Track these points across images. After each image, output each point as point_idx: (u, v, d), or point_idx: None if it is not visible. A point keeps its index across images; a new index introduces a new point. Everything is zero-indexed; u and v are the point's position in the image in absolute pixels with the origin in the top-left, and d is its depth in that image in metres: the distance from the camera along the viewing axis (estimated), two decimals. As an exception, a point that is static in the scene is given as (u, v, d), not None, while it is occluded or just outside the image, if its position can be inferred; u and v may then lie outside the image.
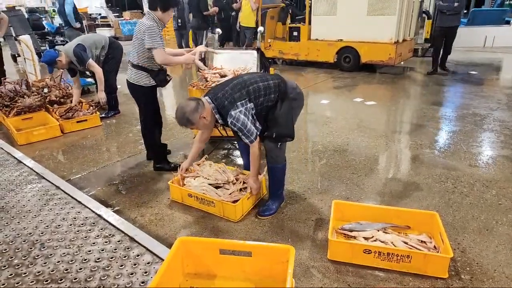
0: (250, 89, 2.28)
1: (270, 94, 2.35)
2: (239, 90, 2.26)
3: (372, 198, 2.78)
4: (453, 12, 6.27)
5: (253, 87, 2.29)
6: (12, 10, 9.57)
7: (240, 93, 2.25)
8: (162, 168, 3.29)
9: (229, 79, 2.57)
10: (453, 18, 6.39)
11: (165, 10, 2.80)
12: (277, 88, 2.37)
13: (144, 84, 2.96)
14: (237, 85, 2.29)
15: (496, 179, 2.99)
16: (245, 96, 2.25)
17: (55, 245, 2.14)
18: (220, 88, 2.33)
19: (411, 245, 2.07)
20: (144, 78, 2.94)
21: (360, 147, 3.73)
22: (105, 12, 17.50)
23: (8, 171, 3.16)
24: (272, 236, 2.34)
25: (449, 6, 6.25)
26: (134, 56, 2.90)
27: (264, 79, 2.36)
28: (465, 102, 5.19)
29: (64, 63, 4.29)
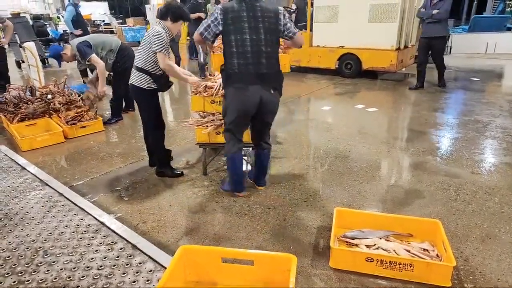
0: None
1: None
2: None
3: (374, 205, 2.78)
4: (432, 20, 5.76)
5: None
6: (17, 17, 9.68)
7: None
8: (165, 173, 3.30)
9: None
10: (435, 28, 5.80)
11: (175, 21, 2.93)
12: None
13: (147, 87, 3.01)
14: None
15: (499, 186, 2.98)
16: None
17: (58, 253, 2.15)
18: None
19: (413, 253, 2.07)
20: (146, 81, 2.99)
21: (361, 153, 3.73)
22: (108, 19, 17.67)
23: (12, 178, 3.18)
24: (273, 244, 2.34)
25: (427, 13, 5.81)
26: (140, 59, 2.98)
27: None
28: (467, 109, 5.19)
29: (69, 56, 4.42)
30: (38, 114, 4.60)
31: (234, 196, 2.94)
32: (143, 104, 3.13)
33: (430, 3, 5.81)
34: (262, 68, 2.50)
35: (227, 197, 2.93)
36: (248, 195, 2.93)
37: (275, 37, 2.53)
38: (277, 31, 2.52)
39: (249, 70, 2.49)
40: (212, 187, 3.11)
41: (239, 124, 2.70)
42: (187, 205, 2.83)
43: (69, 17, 6.77)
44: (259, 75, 2.50)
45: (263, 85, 2.53)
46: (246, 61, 2.48)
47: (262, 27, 2.45)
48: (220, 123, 3.17)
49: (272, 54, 2.54)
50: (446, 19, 5.82)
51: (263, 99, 2.55)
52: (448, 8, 5.66)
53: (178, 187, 3.12)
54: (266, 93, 2.55)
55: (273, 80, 2.58)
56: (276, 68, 2.59)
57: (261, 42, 2.46)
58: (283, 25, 2.53)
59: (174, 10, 2.92)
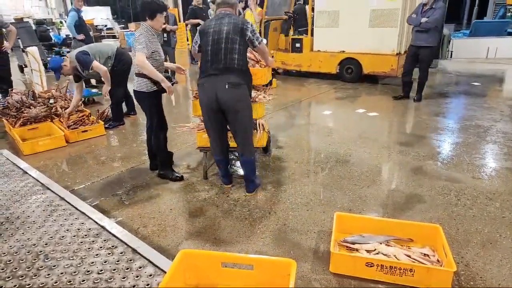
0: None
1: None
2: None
3: (375, 210, 2.78)
4: (420, 28, 5.28)
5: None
6: (20, 21, 9.76)
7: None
8: (166, 176, 3.33)
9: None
10: (423, 37, 5.34)
11: (153, 17, 2.97)
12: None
13: (147, 90, 3.05)
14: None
15: (500, 191, 2.98)
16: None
17: (59, 257, 2.15)
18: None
19: (414, 258, 2.07)
20: (145, 85, 3.04)
21: (362, 158, 3.73)
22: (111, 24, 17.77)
23: (14, 182, 3.19)
24: (274, 249, 2.34)
25: (415, 21, 5.33)
26: (135, 65, 3.01)
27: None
28: (468, 114, 5.19)
29: (68, 68, 4.37)
30: (40, 118, 4.62)
31: (235, 201, 2.94)
32: (145, 107, 3.18)
33: (421, 10, 5.35)
34: (219, 63, 2.61)
35: (228, 202, 2.93)
36: (249, 200, 2.94)
37: (237, 36, 2.62)
38: (240, 31, 2.64)
39: (208, 66, 2.65)
40: (212, 191, 3.11)
41: (208, 122, 2.83)
42: (187, 209, 2.84)
43: (71, 22, 6.81)
44: (216, 70, 2.62)
45: (218, 79, 2.61)
46: (207, 58, 2.66)
47: (226, 29, 2.63)
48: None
49: (232, 50, 2.61)
50: (436, 29, 5.32)
51: (218, 95, 2.62)
52: (438, 17, 5.14)
53: (178, 191, 3.13)
54: (221, 88, 2.60)
55: (231, 76, 2.61)
56: (237, 65, 2.63)
57: (221, 40, 2.61)
58: (250, 30, 2.67)
59: (147, 7, 2.95)
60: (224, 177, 3.16)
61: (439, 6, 5.14)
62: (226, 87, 2.60)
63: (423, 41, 5.34)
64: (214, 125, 2.82)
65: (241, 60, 2.65)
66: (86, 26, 7.32)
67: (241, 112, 2.70)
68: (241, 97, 2.67)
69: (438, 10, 5.14)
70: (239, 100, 2.66)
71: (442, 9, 5.17)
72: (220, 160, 3.03)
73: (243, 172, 3.04)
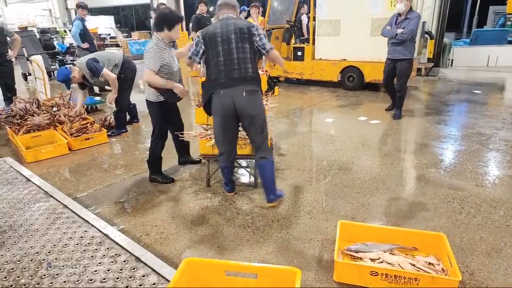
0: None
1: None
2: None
3: (378, 218, 2.77)
4: (396, 40, 5.02)
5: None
6: (24, 30, 9.87)
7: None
8: (156, 180, 3.46)
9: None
10: (399, 49, 5.07)
11: (171, 29, 3.01)
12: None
13: (153, 100, 3.17)
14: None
15: (504, 199, 2.97)
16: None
17: (62, 265, 2.14)
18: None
19: (418, 267, 2.05)
20: (153, 95, 3.16)
21: (365, 165, 3.73)
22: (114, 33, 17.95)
23: (17, 189, 3.20)
24: (277, 257, 2.33)
25: (391, 32, 5.07)
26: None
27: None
28: (470, 121, 5.20)
29: (78, 78, 4.45)
30: (43, 126, 4.65)
31: (237, 209, 2.94)
32: (152, 115, 3.30)
33: (396, 21, 5.09)
34: (234, 73, 2.63)
35: (230, 209, 2.93)
36: (252, 208, 2.94)
37: (247, 44, 2.65)
38: (249, 39, 2.66)
39: (221, 76, 2.64)
40: (215, 198, 3.11)
41: (221, 129, 2.78)
42: (190, 217, 2.83)
43: (76, 31, 6.89)
44: (231, 80, 2.63)
45: (234, 89, 2.63)
46: (219, 68, 2.65)
47: (234, 37, 2.62)
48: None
49: (245, 59, 2.65)
50: (412, 40, 5.06)
51: (236, 102, 2.63)
52: (413, 28, 4.88)
53: (181, 199, 3.13)
54: (238, 95, 2.63)
55: (247, 83, 2.65)
56: (250, 73, 2.67)
57: (232, 50, 2.62)
58: (257, 35, 2.67)
59: (166, 18, 3.00)
60: (228, 184, 3.16)
61: (414, 16, 4.93)
62: (244, 95, 2.63)
63: (399, 53, 5.09)
64: (227, 131, 2.80)
65: (253, 68, 2.70)
66: (90, 35, 7.39)
67: (257, 116, 2.72)
68: (256, 102, 2.72)
69: (413, 20, 4.90)
70: (255, 105, 2.70)
71: (417, 19, 4.92)
72: (226, 167, 3.01)
73: (263, 178, 2.89)
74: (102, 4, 23.70)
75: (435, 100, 6.64)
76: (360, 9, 6.97)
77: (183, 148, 3.81)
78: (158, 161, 3.48)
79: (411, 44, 5.07)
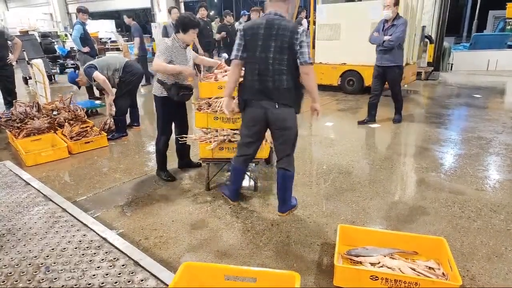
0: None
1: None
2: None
3: (378, 222, 2.76)
4: (383, 47, 4.87)
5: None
6: (25, 34, 9.91)
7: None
8: (159, 175, 3.62)
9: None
10: (387, 56, 4.90)
11: (185, 32, 3.15)
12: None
13: (158, 94, 3.31)
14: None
15: (504, 203, 2.95)
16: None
17: (60, 269, 2.13)
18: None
19: (419, 271, 2.04)
20: (158, 89, 3.30)
21: (365, 169, 3.73)
22: (115, 37, 18.02)
23: (16, 193, 3.19)
24: (277, 261, 2.32)
25: (378, 40, 4.91)
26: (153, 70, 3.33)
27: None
28: (470, 125, 5.20)
29: (84, 81, 5.02)
30: (43, 130, 4.65)
31: (237, 212, 2.93)
32: (156, 109, 3.42)
33: (383, 28, 4.95)
34: (268, 84, 2.51)
35: (230, 213, 2.92)
36: (251, 212, 2.93)
37: (285, 56, 2.46)
38: (289, 49, 2.44)
39: (255, 85, 2.55)
40: (215, 202, 3.10)
41: (247, 132, 2.74)
42: (189, 221, 2.82)
43: (77, 35, 6.92)
44: (264, 91, 2.53)
45: (268, 100, 2.54)
46: (253, 77, 2.55)
47: (273, 45, 2.45)
48: (223, 138, 3.19)
49: (281, 71, 2.48)
50: (400, 47, 4.92)
51: (268, 115, 2.56)
52: (400, 35, 4.75)
53: (180, 203, 3.12)
54: (270, 108, 2.54)
55: (281, 96, 2.53)
56: (286, 85, 2.51)
57: (269, 60, 2.47)
58: (298, 44, 2.41)
59: (182, 21, 3.15)
60: (235, 192, 3.02)
61: (401, 22, 4.78)
62: (277, 107, 2.54)
63: (388, 61, 4.92)
64: (253, 136, 2.74)
65: (290, 80, 2.52)
66: (91, 39, 7.41)
67: (288, 130, 2.62)
68: (289, 116, 2.60)
69: (400, 26, 4.75)
70: (288, 118, 2.59)
71: (403, 25, 4.77)
72: (240, 170, 2.88)
73: (280, 189, 2.78)
74: (103, 9, 23.82)
75: (435, 104, 6.64)
76: (359, 13, 7.00)
77: (183, 151, 3.81)
78: (161, 157, 3.57)
79: (399, 51, 4.94)
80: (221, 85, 3.15)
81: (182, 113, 3.57)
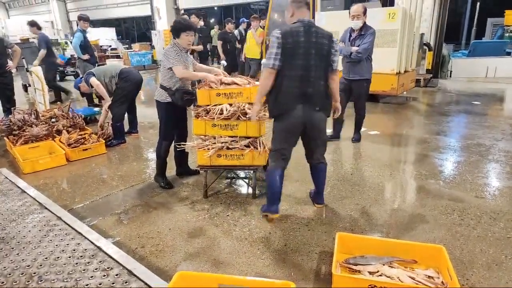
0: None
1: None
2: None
3: (377, 230, 2.73)
4: (350, 60, 4.49)
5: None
6: (26, 42, 9.96)
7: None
8: (157, 181, 3.61)
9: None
10: (355, 69, 4.52)
11: (178, 36, 3.20)
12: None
13: (161, 100, 3.34)
14: None
15: (504, 211, 2.92)
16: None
17: (53, 278, 2.10)
18: None
19: (418, 280, 2.01)
20: (162, 95, 3.33)
21: (363, 176, 3.70)
22: (115, 44, 18.13)
23: (11, 201, 3.17)
24: (274, 270, 2.28)
25: (344, 51, 4.51)
26: (160, 77, 3.37)
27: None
28: (469, 132, 5.18)
29: (86, 88, 5.02)
30: (41, 137, 4.63)
31: (234, 220, 2.90)
32: (159, 115, 3.44)
33: (349, 38, 4.58)
34: (309, 90, 2.60)
35: (227, 221, 2.89)
36: (249, 219, 2.90)
37: (324, 63, 2.63)
38: (327, 56, 2.63)
39: (295, 91, 2.60)
40: (212, 210, 3.07)
41: (284, 138, 2.75)
42: (186, 229, 2.79)
43: (77, 43, 6.95)
44: (305, 96, 2.61)
45: (309, 104, 2.64)
46: (293, 83, 2.59)
47: (314, 52, 2.56)
48: (221, 145, 3.17)
49: (320, 77, 2.64)
50: (369, 58, 4.55)
51: (308, 118, 2.66)
52: (369, 46, 4.38)
53: (178, 210, 3.09)
54: (310, 112, 2.66)
55: (318, 100, 2.66)
56: (322, 89, 2.67)
57: (310, 68, 2.57)
58: (334, 52, 2.64)
59: (174, 27, 3.21)
60: (276, 201, 2.81)
61: (369, 32, 4.42)
62: (316, 109, 2.67)
63: (356, 74, 4.54)
64: (290, 140, 2.77)
65: (325, 85, 2.69)
66: (91, 47, 7.44)
67: (324, 131, 2.89)
68: (324, 118, 2.80)
69: (368, 37, 4.40)
70: (324, 120, 2.80)
71: (371, 35, 4.42)
72: (281, 177, 2.77)
73: (322, 182, 3.02)
74: (104, 16, 24.03)
75: (434, 111, 6.64)
76: (358, 21, 7.02)
77: (182, 158, 3.80)
78: (161, 163, 3.56)
79: (368, 63, 4.56)
80: (219, 92, 3.15)
81: (183, 119, 3.57)
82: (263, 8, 17.19)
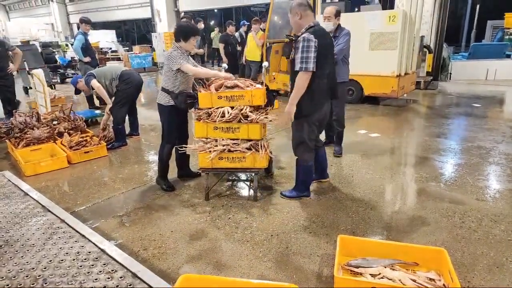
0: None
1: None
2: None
3: (379, 232, 2.74)
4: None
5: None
6: (26, 44, 9.99)
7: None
8: (159, 183, 3.63)
9: None
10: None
11: (186, 40, 3.22)
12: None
13: (164, 103, 3.35)
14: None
15: (505, 213, 2.94)
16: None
17: (57, 281, 2.11)
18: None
19: (419, 283, 2.02)
20: (164, 98, 3.35)
21: (364, 179, 3.72)
22: (115, 46, 18.16)
23: (15, 204, 3.18)
24: (276, 272, 2.29)
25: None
26: (162, 81, 3.37)
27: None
28: (470, 135, 5.20)
29: (86, 90, 5.00)
30: (43, 139, 4.65)
31: (236, 222, 2.91)
32: (162, 118, 3.46)
33: None
34: (332, 85, 3.03)
35: (229, 224, 2.90)
36: (251, 222, 2.91)
37: (333, 58, 3.12)
38: (333, 53, 3.11)
39: (325, 88, 2.96)
40: (214, 212, 3.09)
41: (315, 131, 3.11)
42: (188, 232, 2.81)
43: (78, 45, 6.97)
44: (330, 90, 3.02)
45: (331, 97, 3.08)
46: (324, 81, 2.91)
47: (332, 52, 3.03)
48: (223, 148, 3.19)
49: (335, 71, 3.15)
50: (345, 60, 4.43)
51: (329, 108, 3.13)
52: (344, 46, 4.20)
53: (180, 213, 3.10)
54: (329, 102, 3.11)
55: (336, 91, 3.11)
56: (336, 82, 3.15)
57: (332, 65, 3.05)
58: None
59: (183, 30, 3.24)
60: (309, 186, 3.35)
61: (343, 34, 4.27)
62: (330, 100, 3.12)
63: (337, 76, 4.14)
64: (320, 130, 3.23)
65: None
66: (92, 49, 7.47)
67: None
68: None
69: (342, 38, 4.24)
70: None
71: (346, 36, 4.26)
72: (312, 165, 3.27)
73: (324, 163, 3.60)
74: (104, 19, 24.08)
75: (434, 113, 6.66)
76: (358, 23, 7.05)
77: (183, 161, 3.81)
78: (163, 165, 3.57)
79: (344, 65, 4.39)
80: (221, 95, 3.17)
81: (184, 122, 3.60)
82: (263, 10, 17.24)
